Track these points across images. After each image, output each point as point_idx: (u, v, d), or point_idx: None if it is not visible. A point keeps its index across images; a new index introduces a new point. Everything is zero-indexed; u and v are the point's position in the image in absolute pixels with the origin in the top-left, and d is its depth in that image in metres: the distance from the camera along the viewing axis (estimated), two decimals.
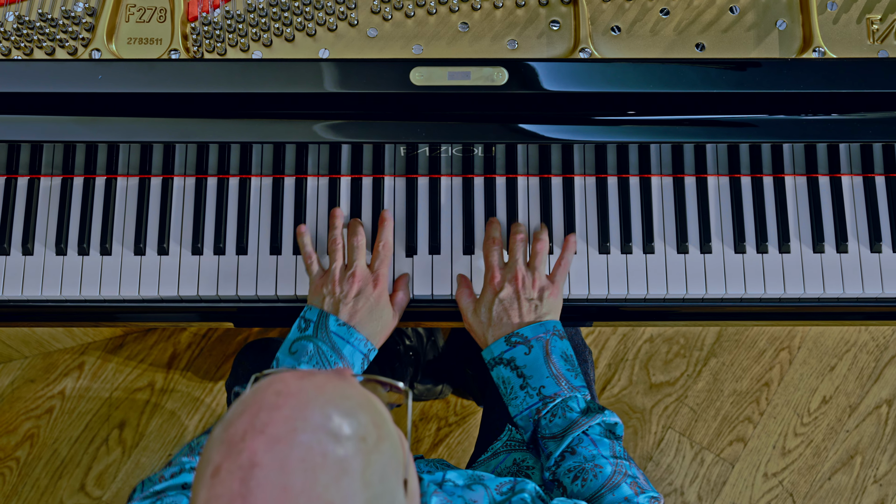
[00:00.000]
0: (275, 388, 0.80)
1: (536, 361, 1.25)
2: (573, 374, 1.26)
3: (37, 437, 2.15)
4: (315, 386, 0.80)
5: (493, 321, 1.29)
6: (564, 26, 1.38)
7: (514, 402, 1.27)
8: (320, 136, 1.35)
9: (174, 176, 1.43)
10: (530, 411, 1.25)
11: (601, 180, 1.43)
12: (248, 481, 0.74)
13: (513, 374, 1.26)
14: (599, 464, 1.18)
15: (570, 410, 1.23)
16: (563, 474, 1.20)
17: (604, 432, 1.23)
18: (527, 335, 1.27)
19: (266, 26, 1.37)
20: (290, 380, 0.80)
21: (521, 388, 1.26)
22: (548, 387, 1.24)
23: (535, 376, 1.25)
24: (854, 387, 2.19)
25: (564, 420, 1.23)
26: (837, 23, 1.38)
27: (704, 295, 1.40)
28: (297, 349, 1.27)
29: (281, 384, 0.80)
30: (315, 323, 1.28)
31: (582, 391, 1.26)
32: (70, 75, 1.33)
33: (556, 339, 1.27)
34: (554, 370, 1.25)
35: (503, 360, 1.27)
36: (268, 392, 0.79)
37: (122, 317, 1.46)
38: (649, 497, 1.15)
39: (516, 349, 1.27)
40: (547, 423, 1.24)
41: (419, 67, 1.32)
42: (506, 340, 1.27)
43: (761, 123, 1.35)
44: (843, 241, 1.40)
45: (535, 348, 1.26)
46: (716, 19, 1.38)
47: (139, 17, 1.38)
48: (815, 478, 2.14)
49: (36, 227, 1.41)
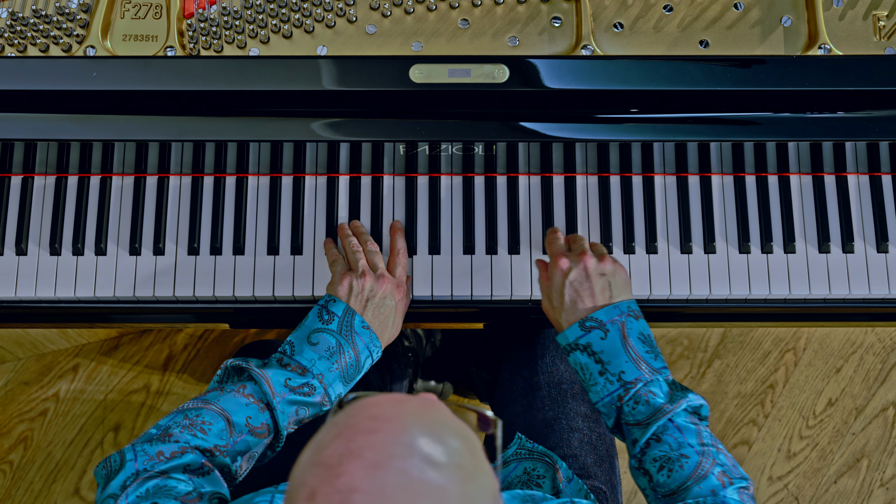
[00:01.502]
0: (370, 413, 0.80)
1: (614, 345, 1.22)
2: (653, 356, 1.23)
3: (31, 440, 2.15)
4: (411, 412, 0.80)
5: (566, 305, 1.26)
6: (566, 23, 1.38)
7: (593, 388, 1.24)
8: (318, 134, 1.34)
9: (170, 175, 1.43)
10: (611, 398, 1.22)
11: (603, 179, 1.43)
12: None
13: (590, 360, 1.24)
14: (686, 453, 1.16)
15: (654, 396, 1.20)
16: (648, 462, 1.18)
17: (689, 418, 1.20)
18: (601, 319, 1.24)
19: (263, 23, 1.37)
20: (385, 404, 0.81)
21: (601, 375, 1.23)
22: (628, 372, 1.21)
23: (613, 361, 1.22)
24: (860, 389, 2.19)
25: (648, 407, 1.20)
26: (843, 19, 1.38)
27: (708, 295, 1.40)
28: (319, 341, 1.25)
29: (376, 408, 0.80)
30: (340, 318, 1.27)
31: (663, 373, 1.23)
32: (64, 72, 1.33)
33: (631, 321, 1.24)
34: (633, 353, 1.22)
35: (579, 346, 1.25)
36: (362, 416, 0.79)
37: (117, 318, 1.46)
38: (737, 488, 1.13)
39: (591, 334, 1.24)
40: (630, 410, 1.21)
41: (419, 65, 1.32)
42: (580, 325, 1.24)
43: (766, 122, 1.35)
44: (850, 240, 1.40)
45: (612, 332, 1.23)
46: (720, 16, 1.38)
47: (134, 14, 1.39)
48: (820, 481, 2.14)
49: (30, 226, 1.42)
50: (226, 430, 1.16)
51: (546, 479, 1.31)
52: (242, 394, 1.20)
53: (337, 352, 1.25)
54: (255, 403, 1.19)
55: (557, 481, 1.34)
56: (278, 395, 1.20)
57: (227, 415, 1.17)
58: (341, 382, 1.26)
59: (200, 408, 1.17)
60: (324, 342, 1.25)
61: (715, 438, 1.20)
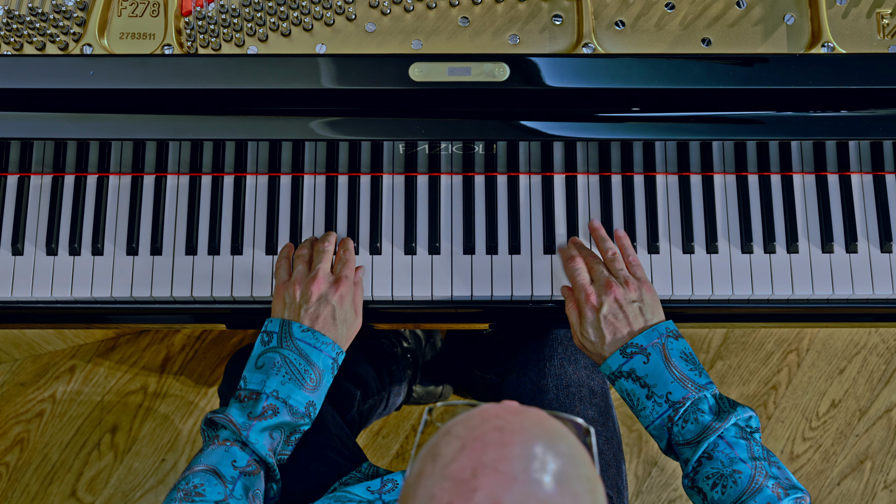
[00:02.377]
0: (495, 424, 0.79)
1: (657, 368, 1.24)
2: (697, 373, 1.24)
3: (27, 442, 2.15)
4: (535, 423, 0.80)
5: (606, 339, 1.27)
6: (567, 21, 1.38)
7: (642, 413, 1.25)
8: (317, 133, 1.34)
9: (167, 174, 1.43)
10: (662, 420, 1.23)
11: (605, 179, 1.43)
12: None
13: (636, 386, 1.25)
14: (738, 469, 1.16)
15: (702, 413, 1.22)
16: (701, 481, 1.19)
17: (739, 433, 1.21)
18: (641, 343, 1.25)
19: (262, 21, 1.37)
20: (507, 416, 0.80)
21: (648, 398, 1.24)
22: (674, 392, 1.23)
23: (658, 384, 1.23)
24: (864, 390, 2.19)
25: (697, 425, 1.21)
26: (847, 17, 1.38)
27: (710, 296, 1.40)
28: (264, 362, 1.26)
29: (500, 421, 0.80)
30: (278, 334, 1.27)
31: (710, 388, 1.24)
32: (61, 71, 1.33)
33: (671, 342, 1.26)
34: (677, 373, 1.23)
35: (623, 373, 1.26)
36: (488, 428, 0.79)
37: (115, 318, 1.46)
38: (793, 499, 1.13)
39: (634, 360, 1.25)
40: (680, 430, 1.22)
41: (418, 63, 1.32)
42: (621, 353, 1.26)
43: (769, 120, 1.35)
44: (853, 240, 1.40)
45: (653, 355, 1.24)
46: (722, 14, 1.38)
47: (132, 12, 1.39)
48: (823, 483, 2.13)
49: (26, 226, 1.41)
50: (219, 484, 1.18)
51: None
52: (219, 443, 1.23)
53: (283, 364, 1.25)
54: (233, 446, 1.22)
55: None
56: (244, 428, 1.22)
57: (214, 468, 1.19)
58: (300, 389, 1.25)
59: (188, 475, 1.19)
60: (268, 361, 1.26)
61: (768, 451, 1.21)
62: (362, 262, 1.40)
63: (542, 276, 1.40)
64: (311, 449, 1.40)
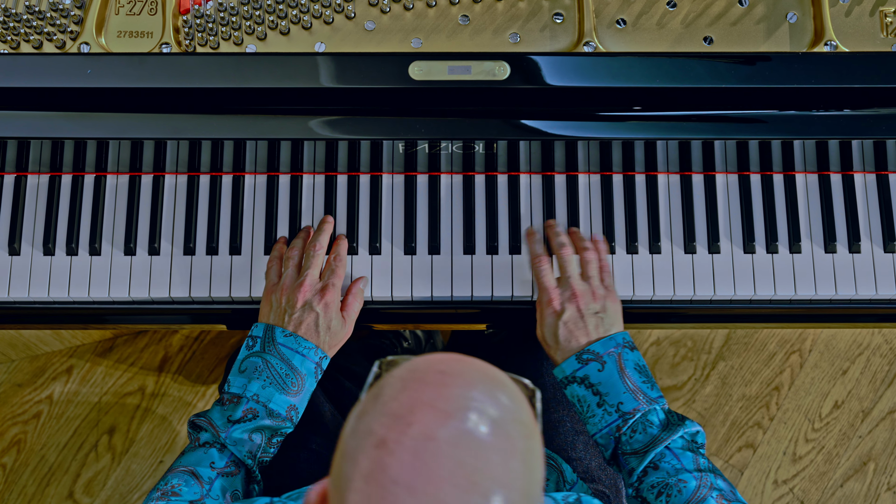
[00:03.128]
0: (437, 368, 0.81)
1: (611, 377, 1.25)
2: (649, 386, 1.26)
3: (24, 443, 2.15)
4: (477, 369, 0.83)
5: (561, 344, 1.28)
6: (568, 19, 1.38)
7: (591, 420, 1.26)
8: (316, 132, 1.35)
9: (165, 174, 1.43)
10: (610, 429, 1.25)
11: (606, 178, 1.43)
12: (420, 453, 0.76)
13: (588, 392, 1.26)
14: (683, 478, 1.17)
15: (651, 425, 1.23)
16: (646, 490, 1.20)
17: (686, 444, 1.23)
18: (598, 351, 1.26)
19: (260, 19, 1.37)
20: (450, 361, 0.82)
21: (599, 406, 1.25)
22: (626, 403, 1.24)
23: (611, 393, 1.25)
24: (867, 391, 2.19)
25: (645, 435, 1.23)
26: (850, 16, 1.38)
27: (713, 296, 1.40)
28: (247, 367, 1.28)
29: (442, 365, 0.82)
30: (262, 339, 1.29)
31: (660, 402, 1.25)
32: (58, 69, 1.33)
33: (627, 352, 1.27)
34: (630, 384, 1.24)
35: (576, 379, 1.27)
36: (430, 371, 0.81)
37: (112, 319, 1.46)
38: None
39: (589, 367, 1.26)
40: (628, 440, 1.24)
41: (418, 61, 1.32)
42: (577, 358, 1.27)
43: (771, 119, 1.35)
44: (856, 240, 1.40)
45: (609, 364, 1.25)
46: (724, 12, 1.38)
47: (129, 10, 1.39)
48: (826, 485, 2.13)
49: (23, 226, 1.41)
50: (196, 484, 1.20)
51: (550, 481, 1.31)
52: (199, 444, 1.25)
53: (265, 368, 1.26)
54: (212, 448, 1.25)
55: (561, 484, 1.34)
56: (223, 430, 1.24)
57: (192, 469, 1.22)
58: (281, 393, 1.26)
59: (168, 476, 1.22)
60: (250, 366, 1.27)
61: (713, 465, 1.22)
62: (362, 261, 1.40)
63: None
64: (311, 451, 1.41)
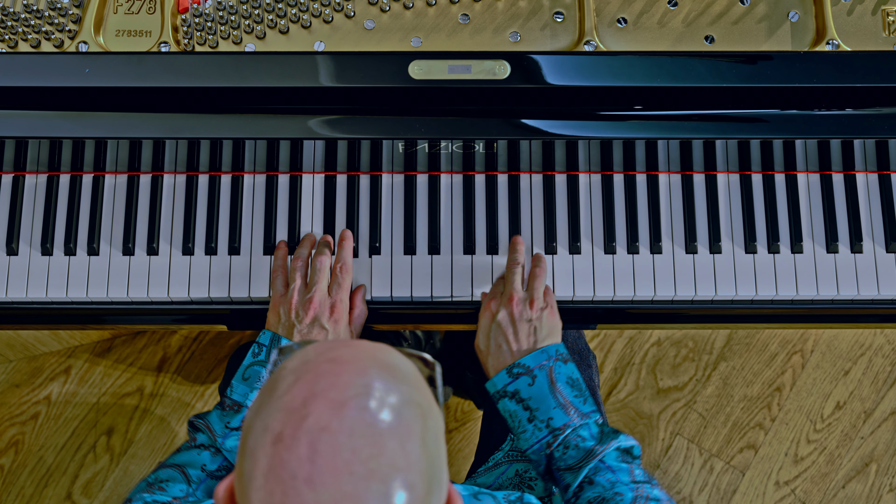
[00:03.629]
0: (328, 357, 0.82)
1: (542, 392, 1.24)
2: (581, 400, 1.25)
3: (22, 444, 2.15)
4: (367, 354, 0.83)
5: (492, 349, 1.28)
6: (569, 18, 1.38)
7: (523, 435, 1.25)
8: (316, 131, 1.34)
9: (164, 173, 1.43)
10: (541, 445, 1.24)
11: (607, 178, 1.43)
12: (316, 445, 0.77)
13: (518, 407, 1.25)
14: (620, 491, 1.16)
15: (583, 440, 1.22)
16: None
17: (621, 457, 1.22)
18: (529, 364, 1.25)
19: (259, 18, 1.37)
20: (340, 348, 0.83)
21: (529, 422, 1.24)
22: (556, 418, 1.23)
23: (542, 408, 1.24)
24: (869, 392, 2.19)
25: (578, 451, 1.21)
26: (852, 14, 1.38)
27: (714, 297, 1.40)
28: (250, 375, 1.27)
29: (332, 353, 0.83)
30: (268, 348, 1.28)
31: (593, 416, 1.24)
32: (56, 69, 1.33)
33: (559, 365, 1.26)
34: (561, 399, 1.23)
35: (507, 393, 1.26)
36: (321, 360, 0.82)
37: (111, 319, 1.46)
38: None
39: (519, 381, 1.25)
40: (560, 456, 1.22)
41: (418, 60, 1.32)
42: (507, 372, 1.26)
43: (773, 119, 1.35)
44: (858, 240, 1.40)
45: (539, 378, 1.25)
46: (726, 11, 1.38)
47: (128, 9, 1.39)
48: (828, 486, 2.14)
49: (21, 226, 1.41)
50: (183, 483, 1.21)
51: (538, 481, 1.31)
52: (194, 445, 1.26)
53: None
54: (206, 450, 1.25)
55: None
56: (220, 436, 1.25)
57: (182, 468, 1.23)
58: None
59: (158, 470, 1.23)
60: (254, 374, 1.27)
61: (649, 476, 1.21)
62: (361, 261, 1.40)
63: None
64: None
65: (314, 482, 0.76)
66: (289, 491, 0.76)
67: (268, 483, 0.77)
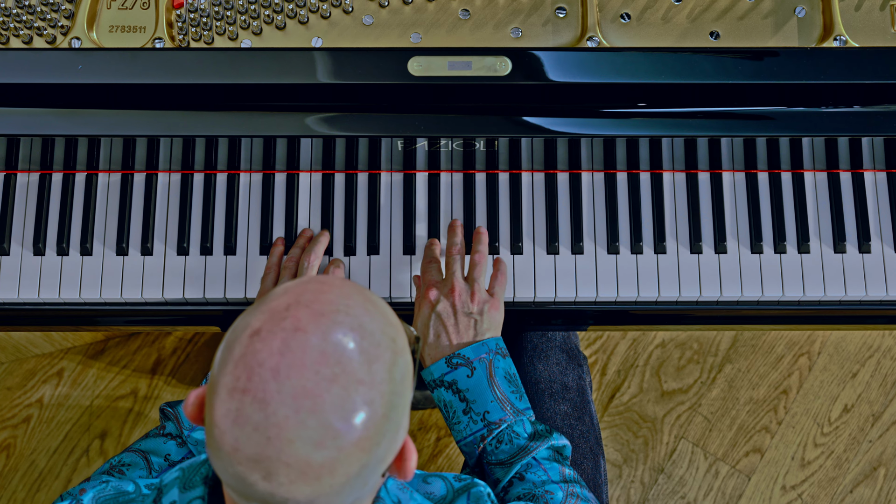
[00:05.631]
0: (320, 279, 0.89)
1: (480, 385, 1.25)
2: (517, 396, 1.26)
3: (13, 448, 2.15)
4: (357, 289, 0.89)
5: (430, 339, 1.28)
6: (571, 13, 1.39)
7: (457, 427, 1.27)
8: (313, 129, 1.35)
9: (158, 172, 1.43)
10: (474, 438, 1.25)
11: (610, 176, 1.43)
12: (289, 341, 0.83)
13: (455, 398, 1.26)
14: (550, 489, 1.18)
15: (517, 437, 1.24)
16: (511, 501, 1.20)
17: (552, 455, 1.24)
18: (468, 356, 1.26)
19: (256, 13, 1.38)
20: (333, 278, 0.90)
21: (465, 413, 1.26)
22: (492, 412, 1.25)
23: (478, 401, 1.25)
24: (877, 394, 2.19)
25: (511, 446, 1.23)
26: (860, 10, 1.38)
27: (719, 297, 1.40)
28: None
29: (326, 278, 0.90)
30: None
31: (527, 413, 1.26)
32: (48, 65, 1.33)
33: (498, 359, 1.27)
34: (498, 393, 1.25)
35: (444, 383, 1.27)
36: (311, 282, 0.89)
37: (104, 320, 1.46)
38: None
39: (458, 371, 1.26)
40: (493, 450, 1.24)
41: (417, 57, 1.32)
42: (446, 362, 1.27)
43: (779, 116, 1.35)
44: (866, 240, 1.40)
45: (478, 370, 1.26)
46: (731, 6, 1.38)
47: (121, 4, 1.39)
48: (836, 490, 2.14)
49: (12, 225, 1.42)
50: (144, 469, 1.23)
51: None
52: (162, 434, 1.28)
53: None
54: (172, 440, 1.27)
55: None
56: (187, 428, 1.27)
57: (146, 455, 1.25)
58: None
59: (123, 453, 1.25)
60: None
61: (578, 476, 1.23)
62: (360, 261, 1.41)
63: (545, 277, 1.40)
64: None
65: (279, 373, 0.82)
66: (254, 377, 0.82)
67: (236, 369, 0.83)
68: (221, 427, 0.83)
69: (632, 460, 2.14)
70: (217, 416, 0.83)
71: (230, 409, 0.82)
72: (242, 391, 0.82)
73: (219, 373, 0.85)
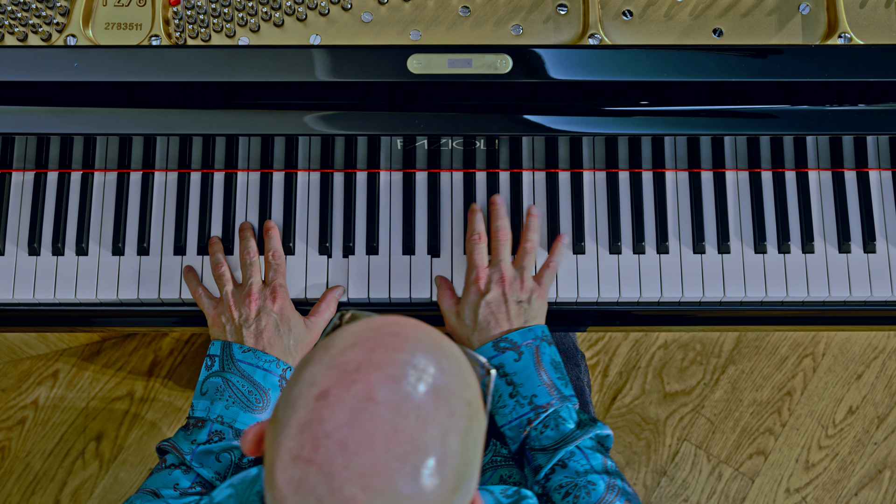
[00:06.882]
0: (391, 330, 0.83)
1: (527, 369, 1.26)
2: (563, 383, 1.27)
3: (8, 450, 2.15)
4: (433, 339, 0.84)
5: (479, 325, 1.29)
6: (572, 10, 1.39)
7: (502, 410, 1.27)
8: (311, 127, 1.35)
9: (155, 171, 1.43)
10: (520, 421, 1.25)
11: (612, 175, 1.43)
12: (359, 413, 0.78)
13: (501, 382, 1.26)
14: (593, 480, 1.18)
15: (563, 422, 1.24)
16: (553, 490, 1.20)
17: (596, 445, 1.23)
18: (516, 340, 1.27)
19: (253, 10, 1.38)
20: (407, 325, 0.84)
21: (511, 397, 1.26)
22: (539, 396, 1.25)
23: (525, 384, 1.25)
24: (882, 396, 2.19)
25: (557, 432, 1.23)
26: (865, 7, 1.38)
27: (722, 298, 1.40)
28: (208, 388, 1.28)
29: (398, 328, 0.84)
30: (220, 357, 1.29)
31: (572, 400, 1.26)
32: (44, 63, 1.33)
33: (545, 346, 1.28)
34: (545, 378, 1.25)
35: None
36: (384, 332, 0.83)
37: (100, 321, 1.46)
38: None
39: (505, 355, 1.27)
40: (538, 435, 1.24)
41: (417, 54, 1.32)
42: (494, 345, 1.27)
43: (783, 114, 1.35)
44: (871, 240, 1.40)
45: (526, 354, 1.26)
46: (734, 3, 1.38)
47: (117, 1, 1.39)
48: (840, 493, 2.14)
49: (7, 225, 1.42)
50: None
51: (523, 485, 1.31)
52: (164, 467, 1.27)
53: (226, 388, 1.27)
54: (176, 469, 1.25)
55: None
56: (188, 454, 1.26)
57: (153, 491, 1.23)
58: (247, 412, 1.27)
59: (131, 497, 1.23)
60: (212, 387, 1.28)
61: (619, 470, 1.23)
62: (359, 261, 1.40)
63: None
64: None
65: (347, 448, 0.77)
66: (320, 448, 0.78)
67: (301, 435, 0.79)
68: (283, 492, 0.79)
69: (634, 463, 2.14)
70: (279, 480, 0.80)
71: (293, 476, 0.79)
72: (307, 461, 0.78)
73: (281, 431, 0.81)
